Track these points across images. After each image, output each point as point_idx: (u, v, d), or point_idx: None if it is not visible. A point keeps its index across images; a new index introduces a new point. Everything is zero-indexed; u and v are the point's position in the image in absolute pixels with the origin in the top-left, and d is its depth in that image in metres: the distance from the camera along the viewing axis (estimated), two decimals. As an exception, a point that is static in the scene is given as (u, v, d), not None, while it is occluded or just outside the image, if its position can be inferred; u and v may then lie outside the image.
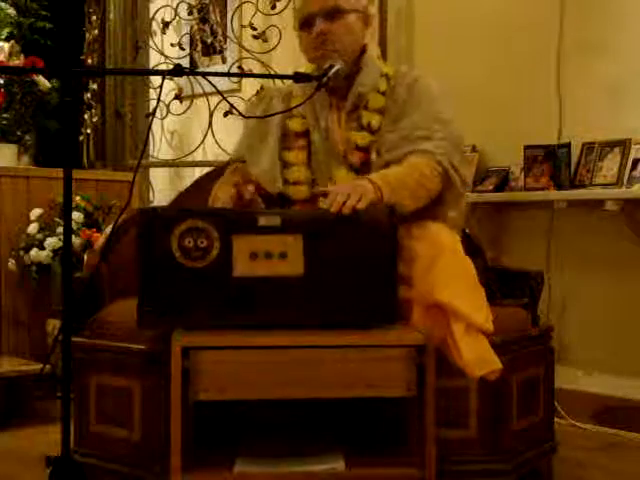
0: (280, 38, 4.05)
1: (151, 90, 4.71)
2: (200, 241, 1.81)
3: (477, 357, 1.91)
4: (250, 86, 4.39)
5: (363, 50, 2.29)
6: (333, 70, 2.12)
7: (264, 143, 2.32)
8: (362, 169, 2.20)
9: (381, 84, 2.24)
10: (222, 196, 2.16)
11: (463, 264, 2.08)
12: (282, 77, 2.44)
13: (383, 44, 3.81)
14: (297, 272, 1.81)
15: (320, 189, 2.03)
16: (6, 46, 3.89)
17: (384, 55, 3.79)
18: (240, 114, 2.24)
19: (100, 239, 2.83)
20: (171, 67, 1.95)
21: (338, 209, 1.83)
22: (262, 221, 1.82)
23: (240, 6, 4.41)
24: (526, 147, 3.33)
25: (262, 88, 4.11)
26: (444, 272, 1.97)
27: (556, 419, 2.58)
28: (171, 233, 1.81)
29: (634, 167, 3.04)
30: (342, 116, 2.26)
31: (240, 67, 4.36)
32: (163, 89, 2.06)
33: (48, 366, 3.26)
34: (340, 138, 2.25)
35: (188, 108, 4.50)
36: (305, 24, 2.22)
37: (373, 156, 2.20)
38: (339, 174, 2.21)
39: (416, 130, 2.16)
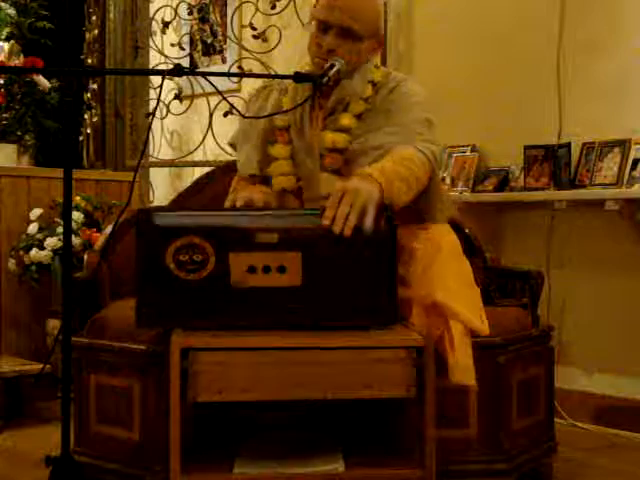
0: (280, 38, 4.05)
1: (151, 90, 4.71)
2: (196, 256, 1.79)
3: (466, 364, 1.92)
4: (250, 86, 4.38)
5: None
6: (333, 70, 2.12)
7: (249, 133, 2.33)
8: (340, 170, 2.19)
9: (366, 90, 2.23)
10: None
11: (460, 265, 2.08)
12: (282, 77, 2.43)
13: (383, 48, 3.80)
14: (295, 283, 1.80)
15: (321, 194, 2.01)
16: (6, 46, 3.89)
17: (384, 59, 3.79)
18: (240, 114, 2.24)
19: (100, 239, 2.83)
20: (171, 67, 1.94)
21: (340, 229, 1.77)
22: (259, 238, 1.80)
23: (240, 6, 4.41)
24: (526, 147, 3.33)
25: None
26: (442, 273, 1.97)
27: (556, 419, 2.58)
28: (167, 247, 1.78)
29: (634, 167, 3.04)
30: (320, 116, 2.25)
31: (240, 67, 4.36)
32: (163, 89, 2.06)
33: (48, 366, 3.26)
34: (314, 137, 2.24)
35: (188, 108, 4.51)
36: (319, 27, 2.20)
37: (354, 146, 2.17)
38: (323, 178, 2.19)
39: (400, 128, 2.14)
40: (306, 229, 1.82)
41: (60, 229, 3.42)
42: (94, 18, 4.73)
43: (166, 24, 4.55)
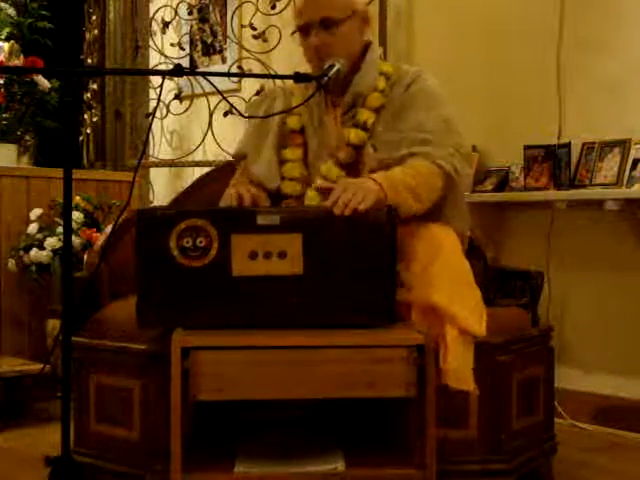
0: (280, 38, 4.05)
1: (151, 90, 4.71)
2: (199, 240, 1.81)
3: (457, 369, 1.92)
4: (250, 86, 4.40)
5: (365, 48, 2.29)
6: (333, 70, 2.12)
7: (264, 141, 2.33)
8: (349, 165, 2.19)
9: (380, 83, 2.24)
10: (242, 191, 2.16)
11: (460, 265, 2.08)
12: (282, 77, 2.44)
13: (383, 44, 3.81)
14: (296, 271, 1.81)
15: (323, 184, 2.02)
16: (6, 46, 3.89)
17: (384, 56, 3.79)
18: (240, 114, 2.24)
19: (100, 239, 2.83)
20: (171, 67, 1.94)
21: (341, 210, 1.82)
22: (261, 220, 1.82)
23: (240, 6, 4.41)
24: (526, 147, 3.33)
25: (262, 88, 4.11)
26: (441, 273, 1.97)
27: (556, 419, 2.58)
28: (170, 232, 1.81)
29: (634, 167, 3.04)
30: (338, 114, 2.26)
31: (240, 67, 4.37)
32: (163, 89, 2.06)
33: (48, 366, 3.26)
34: (335, 136, 2.25)
35: (188, 108, 4.51)
36: (302, 31, 2.22)
37: (369, 150, 2.18)
38: (325, 167, 2.21)
39: (419, 132, 2.15)
40: (307, 212, 1.88)
41: (60, 229, 3.42)
42: (94, 18, 4.74)
43: (166, 24, 4.55)
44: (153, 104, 4.66)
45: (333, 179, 2.16)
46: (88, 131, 4.73)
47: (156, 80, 4.60)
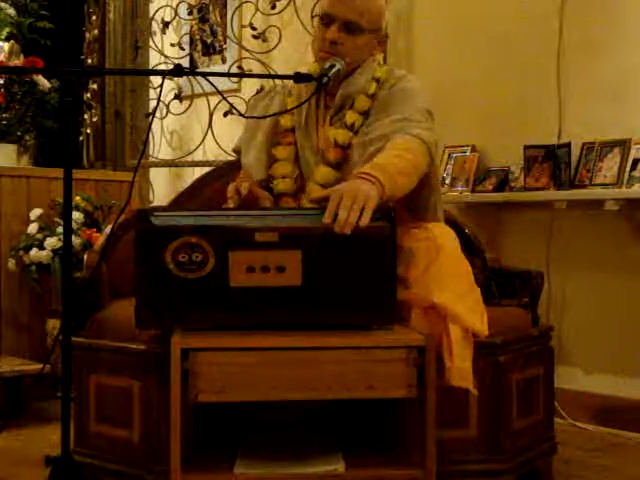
0: (280, 38, 4.05)
1: (151, 90, 4.71)
2: (195, 256, 1.78)
3: (461, 367, 1.92)
4: (250, 86, 4.39)
5: None
6: (333, 70, 2.12)
7: (255, 136, 2.33)
8: (339, 166, 2.19)
9: (370, 87, 2.24)
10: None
11: (460, 265, 2.08)
12: (282, 77, 2.44)
13: (383, 46, 3.80)
14: (295, 283, 1.79)
15: (315, 196, 2.00)
16: (6, 46, 3.90)
17: (384, 59, 3.78)
18: (240, 114, 2.24)
19: (100, 239, 2.84)
20: (171, 67, 1.94)
21: (341, 229, 1.77)
22: (259, 237, 1.79)
23: (240, 6, 4.41)
24: (526, 147, 3.33)
25: (262, 88, 4.11)
26: (441, 274, 1.97)
27: (556, 419, 2.58)
28: (165, 248, 1.77)
29: (634, 167, 3.04)
30: (327, 115, 2.26)
31: (240, 67, 4.37)
32: (163, 89, 2.06)
33: (48, 366, 3.26)
34: (322, 136, 2.25)
35: (188, 108, 4.51)
36: (323, 20, 2.22)
37: (354, 154, 2.17)
38: (319, 171, 2.20)
39: (395, 115, 2.15)
40: (306, 228, 1.82)
41: (60, 229, 3.42)
42: (94, 18, 4.74)
43: (166, 24, 4.55)
44: (153, 104, 4.66)
45: (330, 184, 2.14)
46: (88, 131, 4.72)
47: (156, 80, 4.61)
